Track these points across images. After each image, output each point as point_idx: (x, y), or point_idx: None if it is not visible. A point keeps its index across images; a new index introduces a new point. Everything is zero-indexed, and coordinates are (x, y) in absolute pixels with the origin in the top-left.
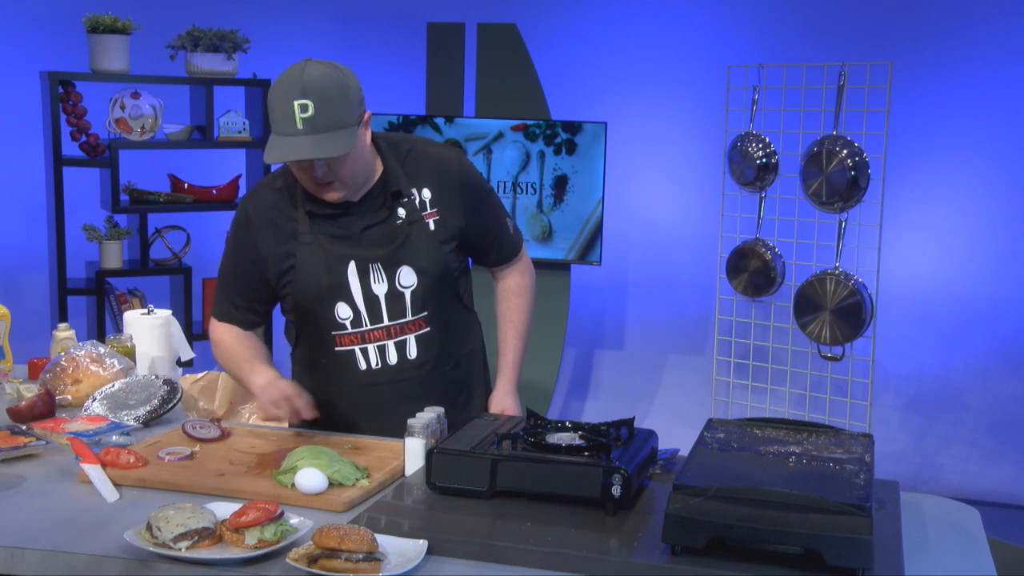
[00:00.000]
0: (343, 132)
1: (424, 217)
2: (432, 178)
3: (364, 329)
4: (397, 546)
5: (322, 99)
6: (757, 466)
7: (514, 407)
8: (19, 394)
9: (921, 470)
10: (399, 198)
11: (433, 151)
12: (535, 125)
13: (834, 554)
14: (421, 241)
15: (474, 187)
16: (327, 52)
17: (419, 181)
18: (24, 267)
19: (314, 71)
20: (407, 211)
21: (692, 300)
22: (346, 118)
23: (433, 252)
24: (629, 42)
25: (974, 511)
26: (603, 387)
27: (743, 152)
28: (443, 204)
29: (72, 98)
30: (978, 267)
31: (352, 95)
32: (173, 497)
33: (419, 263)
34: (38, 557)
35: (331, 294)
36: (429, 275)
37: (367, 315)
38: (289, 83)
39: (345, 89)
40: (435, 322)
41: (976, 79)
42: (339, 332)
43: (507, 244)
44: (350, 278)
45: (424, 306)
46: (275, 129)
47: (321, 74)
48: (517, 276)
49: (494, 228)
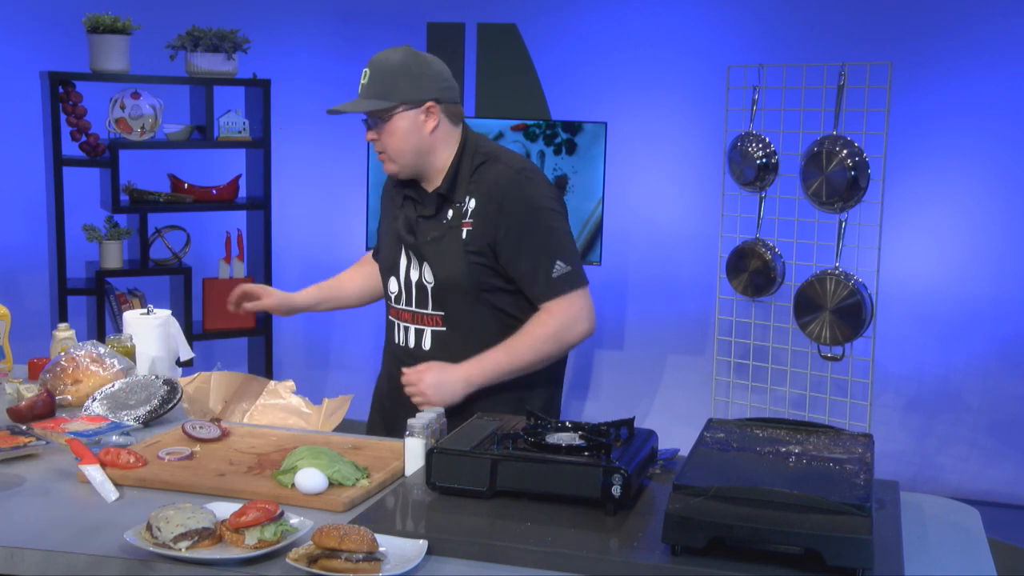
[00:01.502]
0: (378, 101)
1: (462, 224)
2: (481, 191)
3: (400, 307)
4: (397, 546)
5: (378, 71)
6: (757, 466)
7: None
8: (19, 394)
9: (921, 470)
10: (446, 202)
11: (497, 167)
12: (535, 125)
13: (834, 554)
14: (449, 245)
15: (516, 211)
16: (327, 52)
17: (472, 191)
18: (24, 267)
19: (395, 51)
20: (453, 214)
21: (692, 300)
22: (389, 92)
23: (456, 259)
24: (629, 42)
25: (974, 511)
26: (603, 387)
27: (743, 152)
28: (480, 217)
29: (72, 98)
30: (978, 267)
31: (409, 77)
32: (173, 497)
33: (437, 265)
34: (38, 557)
35: (389, 268)
36: (444, 280)
37: (404, 295)
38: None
39: (405, 69)
40: (452, 324)
41: (976, 79)
42: (389, 303)
43: (535, 284)
44: (401, 258)
45: (442, 306)
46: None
47: (395, 54)
48: (544, 314)
49: (523, 259)
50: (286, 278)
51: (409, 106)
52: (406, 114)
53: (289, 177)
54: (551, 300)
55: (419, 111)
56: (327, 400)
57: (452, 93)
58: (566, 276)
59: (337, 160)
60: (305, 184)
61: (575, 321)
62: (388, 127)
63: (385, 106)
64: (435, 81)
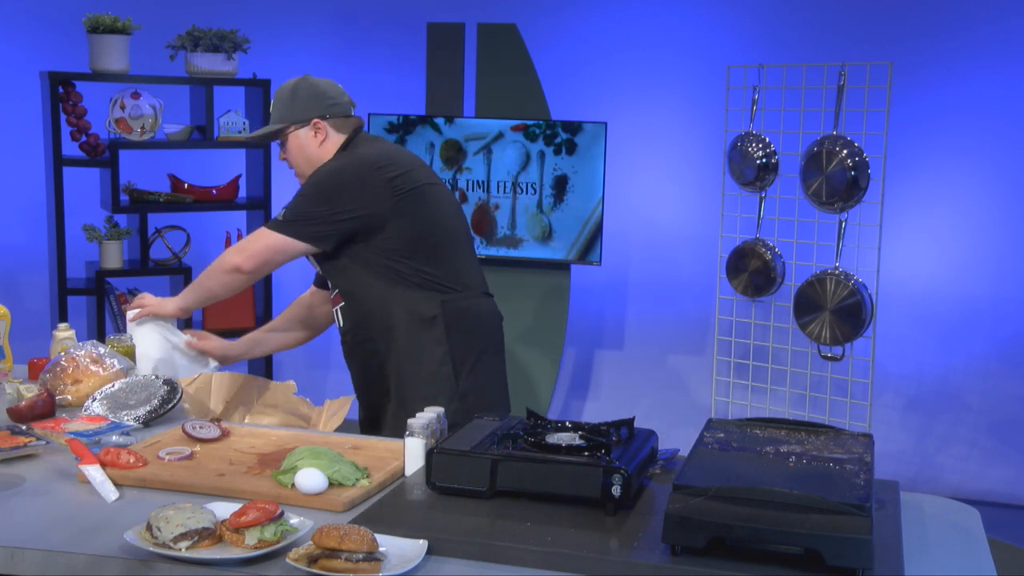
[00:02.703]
0: (272, 125)
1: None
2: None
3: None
4: (397, 546)
5: (275, 99)
6: (757, 466)
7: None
8: (19, 394)
9: (921, 470)
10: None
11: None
12: (535, 125)
13: (834, 554)
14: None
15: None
16: (327, 52)
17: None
18: (24, 267)
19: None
20: None
21: (692, 300)
22: (280, 115)
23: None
24: (629, 42)
25: (974, 511)
26: (603, 387)
27: (743, 152)
28: None
29: (72, 98)
30: (978, 267)
31: (296, 100)
32: (173, 497)
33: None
34: (38, 557)
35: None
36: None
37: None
38: None
39: (288, 94)
40: (348, 298)
41: (976, 79)
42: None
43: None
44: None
45: (335, 284)
46: None
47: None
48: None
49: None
50: (286, 278)
51: (299, 125)
52: (298, 132)
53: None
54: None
55: (307, 129)
56: (328, 401)
57: (339, 108)
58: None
59: None
60: None
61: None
62: (287, 145)
63: (277, 128)
64: (321, 100)
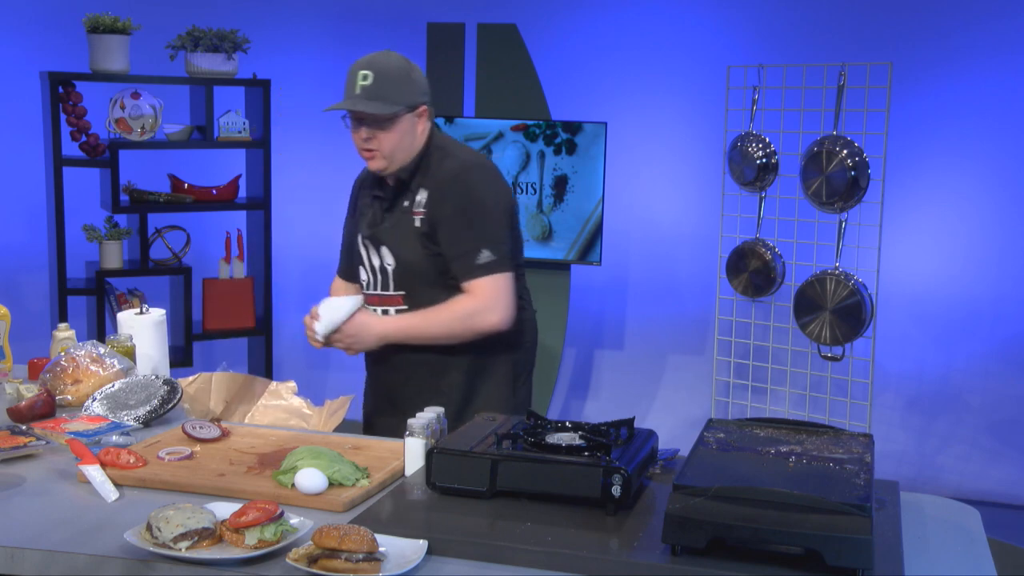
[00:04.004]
0: (388, 104)
1: (413, 213)
2: (432, 183)
3: (370, 292)
4: (397, 546)
5: (382, 74)
6: (757, 466)
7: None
8: (19, 394)
9: (921, 470)
10: (404, 189)
11: (450, 161)
12: (535, 125)
13: (834, 554)
14: (403, 231)
15: (457, 202)
16: (327, 52)
17: (425, 182)
18: (24, 267)
19: (388, 56)
20: (408, 203)
21: (692, 300)
22: (396, 96)
23: (411, 243)
24: (629, 42)
25: (974, 511)
26: (603, 387)
27: (743, 152)
28: (431, 207)
29: (72, 98)
30: (978, 267)
31: (411, 83)
32: (173, 497)
33: (395, 249)
34: (38, 557)
35: (356, 260)
36: (403, 262)
37: (371, 281)
38: (363, 59)
39: (406, 74)
40: (414, 303)
41: (976, 79)
42: (363, 290)
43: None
44: (360, 249)
45: (402, 287)
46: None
47: (391, 59)
48: (466, 295)
49: (454, 245)
50: (286, 278)
51: (409, 110)
52: (406, 117)
53: (289, 177)
54: (471, 280)
55: (414, 115)
56: (328, 401)
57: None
58: (490, 263)
59: (337, 160)
60: (305, 184)
61: (489, 308)
62: (389, 128)
63: (395, 110)
64: (425, 85)
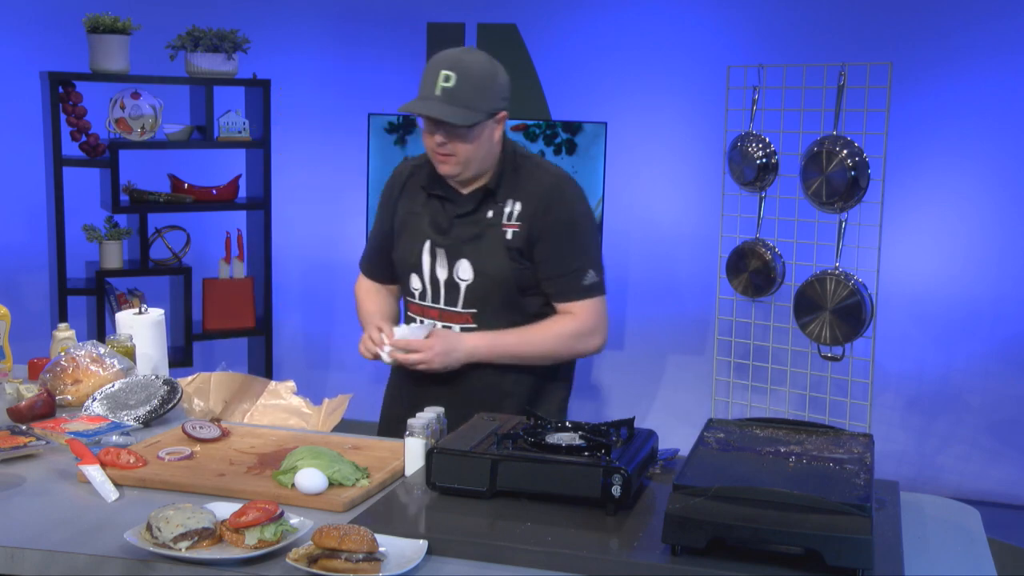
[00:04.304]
0: (471, 112)
1: (504, 225)
2: (528, 195)
3: (425, 304)
4: (397, 546)
5: (466, 76)
6: (757, 466)
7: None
8: (19, 394)
9: (921, 470)
10: (491, 199)
11: (541, 172)
12: (535, 125)
13: (834, 554)
14: (491, 244)
15: (562, 217)
16: (327, 52)
17: (516, 193)
18: (24, 267)
19: (473, 55)
20: (494, 213)
21: (692, 300)
22: (480, 102)
23: (498, 258)
24: (629, 42)
25: (974, 511)
26: (603, 387)
27: (743, 152)
28: (526, 221)
29: (72, 98)
30: (978, 267)
31: (496, 88)
32: (173, 497)
33: (480, 263)
34: (38, 557)
35: (410, 266)
36: (486, 277)
37: (430, 292)
38: (446, 56)
39: (491, 79)
40: (484, 323)
41: (976, 79)
42: (410, 299)
43: (562, 287)
44: (424, 256)
45: (475, 304)
46: (419, 93)
47: (476, 59)
48: (568, 316)
49: (558, 263)
50: (286, 278)
51: (489, 116)
52: (486, 124)
53: (289, 177)
54: (573, 302)
55: (494, 120)
56: (327, 400)
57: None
58: (593, 285)
59: (337, 160)
60: (305, 184)
61: (594, 331)
62: (468, 135)
63: (477, 119)
64: (508, 89)
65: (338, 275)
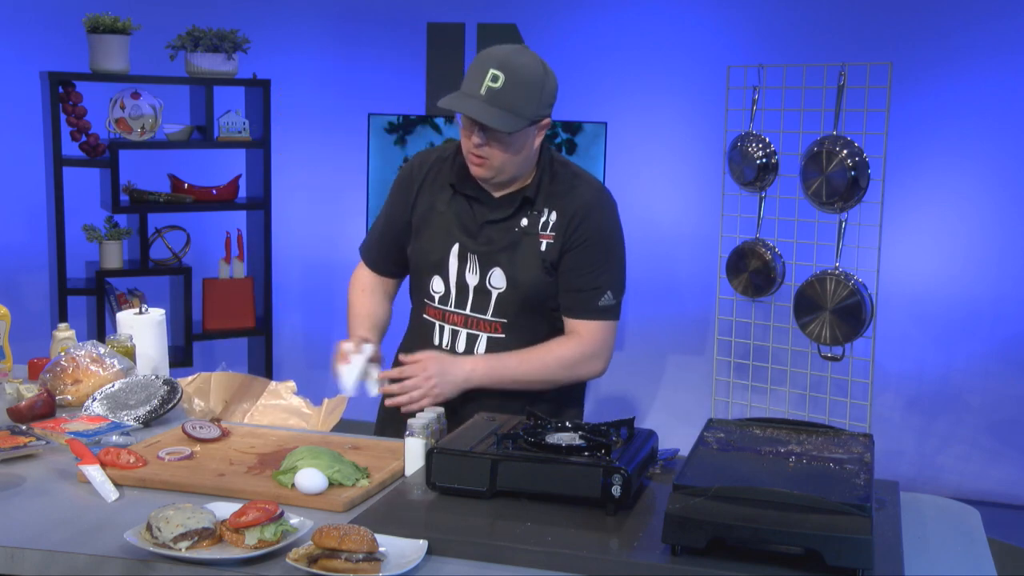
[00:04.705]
0: (515, 117)
1: (540, 236)
2: (564, 205)
3: (447, 308)
4: (397, 546)
5: (515, 79)
6: (757, 466)
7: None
8: (19, 394)
9: (921, 470)
10: (528, 207)
11: (581, 183)
12: None
13: (834, 554)
14: (526, 253)
15: (595, 232)
16: (327, 52)
17: (553, 203)
18: (24, 267)
19: (525, 56)
20: (529, 222)
21: (692, 300)
22: (526, 108)
23: (532, 268)
24: (629, 42)
25: (974, 511)
26: (603, 387)
27: (743, 152)
28: (559, 231)
29: (72, 98)
30: (978, 267)
31: (543, 94)
32: (173, 497)
33: (513, 272)
34: (38, 557)
35: (433, 266)
36: (520, 287)
37: (455, 297)
38: (496, 54)
39: (539, 84)
40: (513, 333)
41: (976, 79)
42: (429, 302)
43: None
44: (451, 259)
45: (506, 313)
46: (462, 87)
47: (528, 61)
48: (571, 338)
49: (579, 278)
50: (286, 278)
51: (533, 123)
52: (528, 130)
53: (289, 177)
54: (584, 320)
55: (537, 127)
56: (327, 400)
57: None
58: (609, 307)
59: (337, 160)
60: (305, 184)
61: (596, 355)
62: (507, 140)
63: (520, 126)
64: (555, 95)
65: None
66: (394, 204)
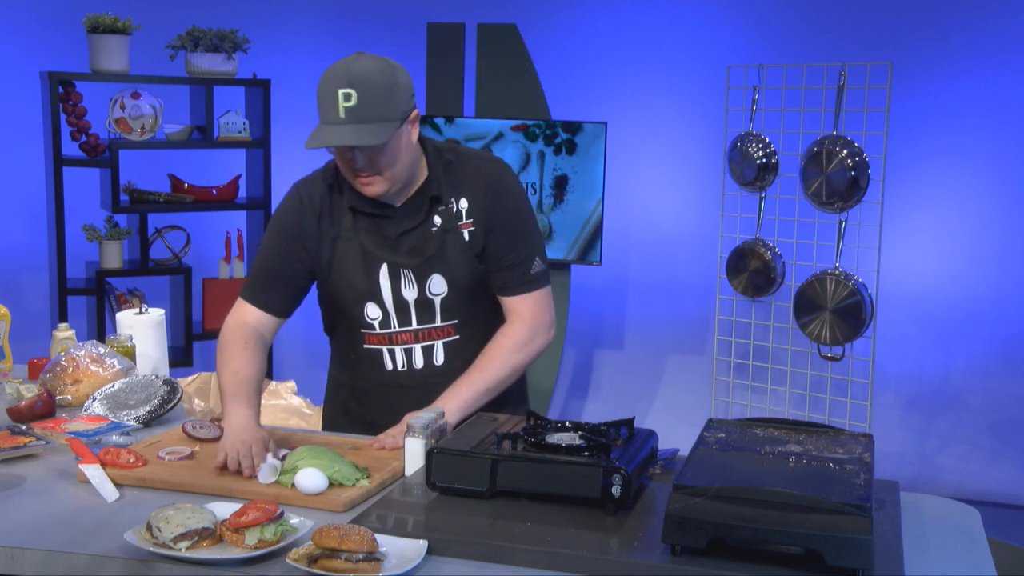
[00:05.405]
0: (384, 124)
1: (459, 227)
2: (471, 188)
3: (392, 331)
4: (397, 546)
5: (366, 90)
6: (757, 466)
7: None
8: (19, 394)
9: (921, 470)
10: (437, 204)
11: (477, 162)
12: (535, 125)
13: (834, 554)
14: (454, 251)
15: (508, 205)
16: (327, 52)
17: (459, 190)
18: (24, 267)
19: (363, 63)
20: (443, 219)
21: (692, 300)
22: (389, 111)
23: (465, 263)
24: (629, 42)
25: (974, 511)
26: (603, 387)
27: (743, 152)
28: (476, 215)
29: (72, 98)
30: (978, 267)
31: (399, 91)
32: (173, 497)
33: (450, 273)
34: (38, 557)
35: (363, 294)
36: (460, 285)
37: (396, 317)
38: (336, 73)
39: (392, 83)
40: (465, 331)
41: (976, 79)
42: (368, 331)
43: (512, 278)
44: (381, 281)
45: (454, 314)
46: (320, 118)
47: (369, 67)
48: (511, 325)
49: (509, 253)
50: None
51: (403, 122)
52: (401, 130)
53: (289, 177)
54: (522, 295)
55: (407, 123)
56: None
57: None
58: (541, 274)
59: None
60: None
61: (543, 325)
62: (387, 149)
63: (391, 133)
64: (411, 85)
65: None
66: (286, 240)
